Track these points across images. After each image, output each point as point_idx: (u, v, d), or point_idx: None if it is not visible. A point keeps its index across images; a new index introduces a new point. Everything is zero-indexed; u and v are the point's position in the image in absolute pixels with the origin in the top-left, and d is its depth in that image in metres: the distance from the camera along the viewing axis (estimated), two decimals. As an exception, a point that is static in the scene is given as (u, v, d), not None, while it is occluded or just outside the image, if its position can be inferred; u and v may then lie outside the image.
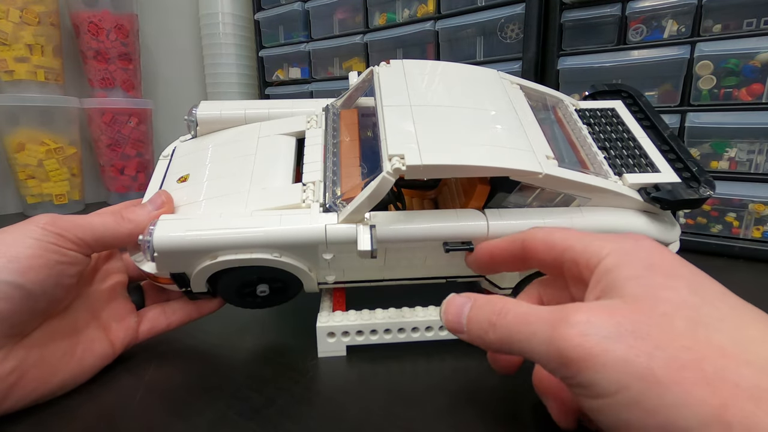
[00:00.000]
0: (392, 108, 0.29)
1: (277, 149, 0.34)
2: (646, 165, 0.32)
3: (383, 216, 0.28)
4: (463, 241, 0.28)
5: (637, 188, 0.31)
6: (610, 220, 0.30)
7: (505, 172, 0.27)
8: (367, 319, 0.30)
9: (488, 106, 0.31)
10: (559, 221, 0.29)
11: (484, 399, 0.26)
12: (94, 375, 0.28)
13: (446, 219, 0.28)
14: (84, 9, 0.84)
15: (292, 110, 0.37)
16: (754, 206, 0.54)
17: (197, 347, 0.33)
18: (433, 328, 0.31)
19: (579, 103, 0.38)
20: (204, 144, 0.37)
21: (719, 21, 0.54)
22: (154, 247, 0.26)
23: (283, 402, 0.26)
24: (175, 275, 0.29)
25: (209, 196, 0.31)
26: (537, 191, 0.29)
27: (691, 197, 0.29)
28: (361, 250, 0.25)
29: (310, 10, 0.92)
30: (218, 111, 0.38)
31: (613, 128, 0.36)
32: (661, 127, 0.35)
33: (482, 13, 0.71)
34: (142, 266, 0.29)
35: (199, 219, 0.28)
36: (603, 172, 0.31)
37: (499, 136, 0.29)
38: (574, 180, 0.28)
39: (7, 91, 0.77)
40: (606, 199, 0.30)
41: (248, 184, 0.31)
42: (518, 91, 0.35)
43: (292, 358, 0.31)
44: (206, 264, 0.27)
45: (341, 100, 0.37)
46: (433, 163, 0.25)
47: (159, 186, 0.35)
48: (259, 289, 0.30)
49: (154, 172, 0.36)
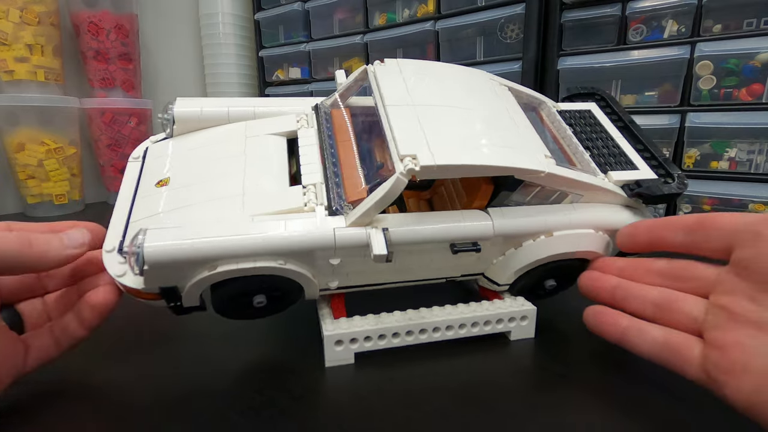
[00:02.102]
0: (396, 107, 0.28)
1: (268, 150, 0.32)
2: (625, 163, 0.34)
3: (392, 219, 0.27)
4: (472, 241, 0.28)
5: (620, 185, 0.32)
6: (602, 215, 0.31)
7: (512, 171, 0.27)
8: (374, 324, 0.30)
9: (485, 107, 0.31)
10: (558, 218, 0.30)
11: (484, 399, 0.26)
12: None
13: (453, 220, 0.28)
14: (84, 9, 0.84)
15: (279, 109, 0.35)
16: (754, 206, 0.54)
17: (197, 347, 0.33)
18: (441, 329, 0.31)
19: (559, 105, 0.39)
20: (183, 144, 0.34)
21: (719, 21, 0.54)
22: (144, 259, 0.23)
23: (283, 402, 0.26)
24: (165, 289, 0.26)
25: (198, 201, 0.28)
26: (536, 189, 0.30)
27: (670, 192, 0.31)
28: (376, 254, 0.25)
29: (310, 10, 0.92)
30: (198, 108, 0.34)
31: (591, 128, 0.37)
32: (633, 127, 0.37)
33: (482, 13, 0.71)
34: (122, 280, 0.25)
35: (195, 226, 0.25)
36: (591, 170, 0.32)
37: (501, 136, 0.29)
38: (572, 178, 0.30)
39: (7, 91, 0.77)
40: (596, 196, 0.32)
41: (241, 187, 0.29)
42: (508, 92, 0.35)
43: (292, 358, 0.31)
44: (204, 275, 0.25)
45: (331, 99, 0.36)
46: (447, 163, 0.25)
47: (133, 191, 0.31)
48: (256, 300, 0.28)
49: (125, 175, 0.32)
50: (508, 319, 0.31)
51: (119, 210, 0.29)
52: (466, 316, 0.31)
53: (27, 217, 0.83)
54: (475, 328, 0.31)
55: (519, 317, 0.32)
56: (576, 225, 0.30)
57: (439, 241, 0.28)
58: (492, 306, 0.32)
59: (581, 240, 0.30)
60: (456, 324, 0.31)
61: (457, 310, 0.31)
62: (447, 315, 0.31)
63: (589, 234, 0.31)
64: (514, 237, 0.30)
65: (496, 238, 0.29)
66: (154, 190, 0.30)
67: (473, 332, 0.31)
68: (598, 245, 0.31)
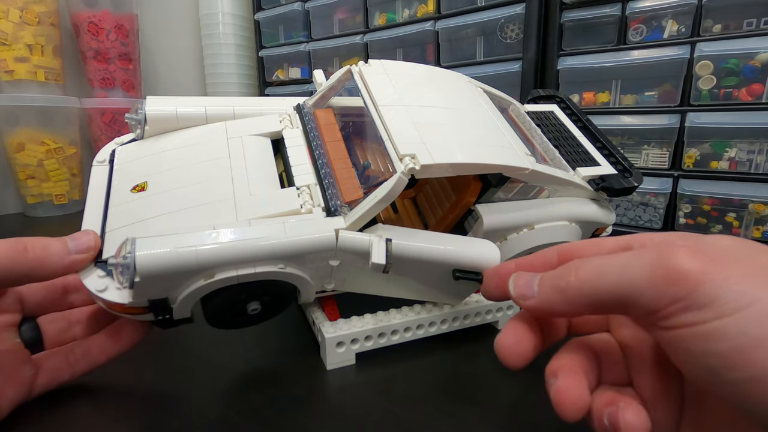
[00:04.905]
0: (389, 108, 0.29)
1: (253, 151, 0.31)
2: (588, 160, 0.37)
3: (398, 231, 0.27)
4: (474, 271, 0.27)
5: (587, 180, 0.35)
6: (574, 208, 0.34)
7: (501, 169, 0.29)
8: (374, 324, 0.30)
9: (469, 107, 0.33)
10: (538, 211, 0.32)
11: (484, 399, 0.26)
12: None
13: (459, 244, 0.28)
14: (84, 9, 0.84)
15: (259, 109, 0.34)
16: (754, 206, 0.54)
17: (196, 347, 0.33)
18: (436, 323, 0.33)
19: (526, 106, 0.42)
20: (157, 147, 0.32)
21: (719, 21, 0.54)
22: (136, 270, 0.21)
23: (283, 402, 0.26)
24: (154, 302, 0.24)
25: (185, 207, 0.27)
26: (519, 186, 0.31)
27: (630, 186, 0.34)
28: (375, 262, 0.25)
29: (310, 10, 0.92)
30: (172, 108, 0.32)
31: (556, 128, 0.40)
32: (591, 127, 0.40)
33: (482, 13, 0.71)
34: (105, 295, 0.23)
35: (188, 233, 0.24)
36: (563, 167, 0.35)
37: (489, 135, 0.30)
38: (552, 174, 0.32)
39: (7, 91, 0.77)
40: (569, 191, 0.34)
41: (231, 190, 0.28)
42: (484, 94, 0.37)
43: (292, 358, 0.31)
44: (199, 285, 0.23)
45: (314, 99, 0.35)
46: (446, 162, 0.26)
47: (104, 198, 0.28)
48: (251, 307, 0.27)
49: (91, 181, 0.30)
50: (496, 310, 0.35)
51: (90, 219, 0.27)
52: (458, 310, 0.33)
53: (27, 217, 0.83)
54: (467, 320, 0.34)
55: (505, 307, 0.35)
56: (554, 218, 0.33)
57: (442, 263, 0.27)
58: (480, 298, 0.34)
59: (558, 231, 0.33)
60: (450, 318, 0.33)
61: (448, 305, 0.33)
62: (440, 309, 0.33)
63: (564, 225, 0.33)
64: (502, 231, 0.32)
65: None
66: (130, 196, 0.28)
67: (465, 324, 0.34)
68: (573, 235, 0.34)
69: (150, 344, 0.32)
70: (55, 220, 0.81)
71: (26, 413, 0.25)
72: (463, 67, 0.74)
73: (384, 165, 0.34)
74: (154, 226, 0.26)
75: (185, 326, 0.27)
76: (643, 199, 0.62)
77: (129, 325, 0.27)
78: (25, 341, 0.25)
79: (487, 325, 0.35)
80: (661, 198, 0.61)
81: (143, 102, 0.32)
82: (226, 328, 0.28)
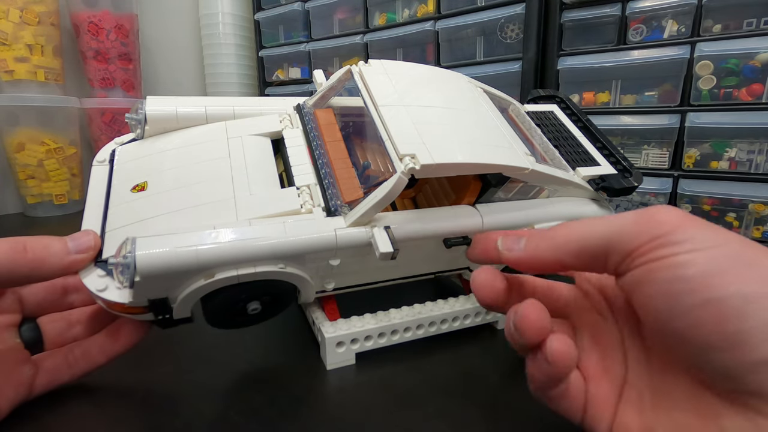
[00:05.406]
0: (389, 108, 0.29)
1: (254, 151, 0.31)
2: (589, 160, 0.37)
3: (392, 217, 0.28)
4: (463, 236, 0.29)
5: (587, 180, 0.35)
6: (574, 208, 0.34)
7: (501, 169, 0.29)
8: (375, 323, 0.30)
9: (469, 107, 0.33)
10: (538, 211, 0.32)
11: (484, 399, 0.26)
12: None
13: (449, 216, 0.29)
14: (84, 9, 0.84)
15: (259, 108, 0.34)
16: (754, 206, 0.54)
17: (196, 347, 0.33)
18: (436, 323, 0.32)
19: (526, 106, 0.41)
20: (158, 146, 0.32)
21: (719, 21, 0.54)
22: (136, 270, 0.21)
23: (283, 402, 0.26)
24: (154, 302, 0.24)
25: (185, 206, 0.27)
26: (519, 185, 0.31)
27: (630, 185, 0.34)
28: (382, 252, 0.25)
29: (310, 10, 0.92)
30: (173, 108, 0.32)
31: (556, 128, 0.40)
32: (591, 127, 0.40)
33: (482, 13, 0.71)
34: (105, 295, 0.23)
35: (188, 232, 0.24)
36: (563, 167, 0.35)
37: (489, 135, 0.30)
38: (551, 174, 0.32)
39: (7, 91, 0.77)
40: (569, 191, 0.34)
41: (231, 190, 0.28)
42: (484, 94, 0.36)
43: (292, 358, 0.31)
44: (200, 284, 0.23)
45: (313, 99, 0.35)
46: (446, 162, 0.26)
47: (104, 198, 0.28)
48: (251, 307, 0.27)
49: (91, 181, 0.30)
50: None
51: (90, 219, 0.27)
52: (457, 309, 0.33)
53: (27, 217, 0.83)
54: (467, 320, 0.34)
55: None
56: (554, 218, 0.33)
57: (437, 236, 0.29)
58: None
59: None
60: (450, 318, 0.33)
61: (448, 305, 0.33)
62: (440, 309, 0.33)
63: None
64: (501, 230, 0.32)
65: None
66: (130, 195, 0.28)
67: (465, 324, 0.34)
68: None
69: (150, 344, 0.32)
70: (55, 220, 0.81)
71: (26, 413, 0.25)
72: (463, 67, 0.74)
73: (384, 165, 0.34)
74: (154, 226, 0.26)
75: (185, 326, 0.27)
76: (643, 199, 0.62)
77: (128, 325, 0.27)
78: (25, 341, 0.25)
79: (487, 325, 0.35)
80: (661, 198, 0.61)
81: (143, 102, 0.32)
82: (226, 327, 0.28)
